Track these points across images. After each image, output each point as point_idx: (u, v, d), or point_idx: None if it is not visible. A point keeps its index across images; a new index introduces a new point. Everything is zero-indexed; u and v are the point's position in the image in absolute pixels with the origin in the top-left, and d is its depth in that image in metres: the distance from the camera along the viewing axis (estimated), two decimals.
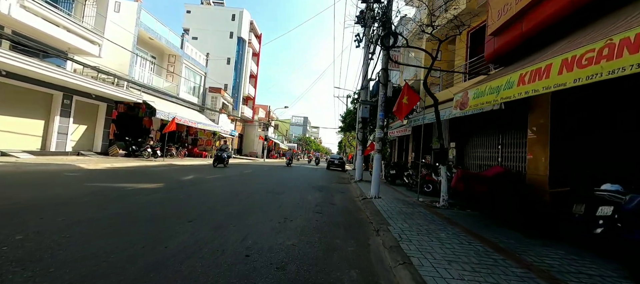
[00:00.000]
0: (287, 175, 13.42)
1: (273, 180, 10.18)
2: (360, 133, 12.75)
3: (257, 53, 39.00)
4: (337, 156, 25.88)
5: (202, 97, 24.20)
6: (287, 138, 61.77)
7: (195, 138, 24.36)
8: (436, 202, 6.87)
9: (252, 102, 38.38)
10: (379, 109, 7.30)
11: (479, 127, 10.45)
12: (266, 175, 12.15)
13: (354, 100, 15.35)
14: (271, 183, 9.05)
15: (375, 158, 7.18)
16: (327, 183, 11.17)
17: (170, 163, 14.40)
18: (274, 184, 8.82)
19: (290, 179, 11.04)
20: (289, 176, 12.35)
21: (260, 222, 4.00)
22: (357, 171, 12.49)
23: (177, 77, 20.56)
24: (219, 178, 9.01)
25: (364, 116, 12.19)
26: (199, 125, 20.14)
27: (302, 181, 10.65)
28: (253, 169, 14.98)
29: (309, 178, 12.63)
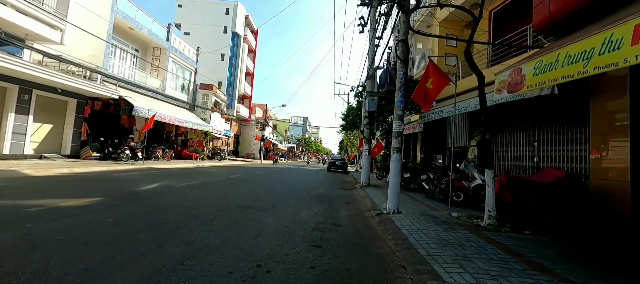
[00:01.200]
0: (281, 179, 11.58)
1: (262, 187, 8.37)
2: (366, 130, 10.94)
3: (254, 49, 37.23)
4: (339, 156, 24.08)
5: (192, 95, 22.41)
6: (286, 139, 59.96)
7: (185, 139, 22.57)
8: (478, 220, 5.05)
9: (248, 101, 36.60)
10: (396, 95, 5.49)
11: (508, 120, 8.69)
12: (256, 180, 10.32)
13: (358, 93, 13.55)
14: (258, 191, 7.22)
15: (393, 159, 5.36)
16: (329, 189, 9.35)
17: (150, 167, 12.58)
18: (261, 193, 6.99)
19: (283, 186, 9.22)
20: (283, 182, 10.53)
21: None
22: (363, 174, 10.67)
23: (164, 72, 18.77)
24: (193, 187, 7.19)
25: (371, 109, 10.39)
26: (187, 124, 18.34)
27: (297, 188, 8.84)
28: (243, 173, 13.15)
29: (306, 183, 10.82)
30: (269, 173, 13.62)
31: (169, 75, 19.43)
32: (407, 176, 9.53)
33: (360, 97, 13.55)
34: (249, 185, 8.55)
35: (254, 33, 37.14)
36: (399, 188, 5.46)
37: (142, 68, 18.10)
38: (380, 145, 13.69)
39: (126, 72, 16.55)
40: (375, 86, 11.09)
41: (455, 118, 12.75)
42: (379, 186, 10.65)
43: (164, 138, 21.43)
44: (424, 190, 8.39)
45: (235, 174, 11.85)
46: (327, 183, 11.21)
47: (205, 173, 11.65)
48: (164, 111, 17.33)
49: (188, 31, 30.57)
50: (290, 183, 10.22)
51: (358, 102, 13.97)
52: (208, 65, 28.96)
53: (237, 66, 31.68)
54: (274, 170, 17.72)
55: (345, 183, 12.46)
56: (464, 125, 12.21)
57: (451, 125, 13.40)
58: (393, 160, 5.40)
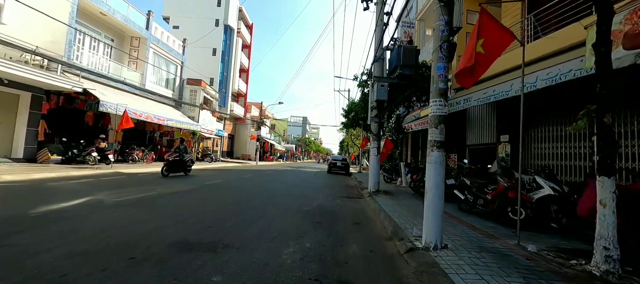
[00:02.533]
0: (270, 185, 9.54)
1: (242, 199, 6.29)
2: (375, 124, 8.91)
3: (248, 45, 35.23)
4: (340, 157, 22.06)
5: (178, 91, 20.40)
6: (285, 139, 57.93)
7: (171, 140, 20.53)
8: (581, 260, 3.00)
9: (243, 99, 34.59)
10: (434, 58, 3.48)
11: (549, 110, 6.73)
12: (236, 188, 8.21)
13: (362, 82, 11.53)
14: (226, 209, 5.13)
15: (433, 160, 3.36)
16: (329, 198, 7.31)
17: (115, 172, 10.56)
18: (230, 212, 4.89)
19: (271, 196, 7.16)
20: (271, 190, 8.49)
21: None
22: (371, 178, 8.65)
23: (144, 64, 16.74)
24: (130, 204, 5.09)
25: (380, 98, 8.36)
26: (169, 123, 16.32)
27: (290, 199, 6.78)
28: (226, 178, 11.10)
29: (301, 190, 8.78)
30: (258, 178, 11.58)
31: (150, 69, 17.42)
32: (453, 183, 7.29)
33: (365, 86, 11.54)
34: (222, 196, 6.50)
35: (248, 27, 35.13)
36: (441, 207, 3.43)
37: (119, 60, 16.09)
38: (389, 144, 11.66)
39: (99, 64, 14.55)
40: (385, 70, 9.07)
41: (480, 109, 10.74)
42: (392, 193, 8.62)
43: (147, 139, 19.44)
44: (460, 201, 6.32)
45: (214, 180, 9.81)
46: (327, 190, 9.17)
47: (174, 180, 9.61)
48: (143, 107, 15.32)
49: (177, 24, 28.57)
50: (281, 190, 8.18)
51: (362, 93, 11.94)
52: (198, 60, 26.99)
53: (230, 61, 29.67)
54: (266, 173, 15.68)
55: (349, 188, 10.42)
56: (488, 116, 10.19)
57: (473, 117, 11.39)
58: (433, 161, 3.39)
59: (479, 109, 10.90)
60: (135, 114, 13.66)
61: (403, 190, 10.18)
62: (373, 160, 8.75)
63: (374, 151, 8.79)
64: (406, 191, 9.68)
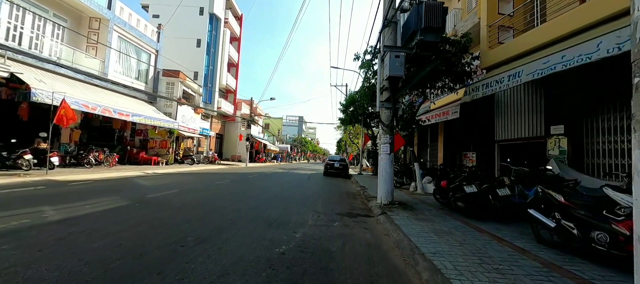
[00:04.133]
0: (241, 199, 7.03)
1: (171, 232, 3.77)
2: (386, 111, 6.49)
3: (238, 37, 32.68)
4: (338, 157, 19.65)
5: (152, 83, 17.83)
6: (279, 139, 55.38)
7: (144, 139, 17.97)
8: None
9: (233, 96, 32.03)
10: None
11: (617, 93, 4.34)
12: (190, 204, 5.45)
13: (365, 63, 9.11)
14: (137, 252, 2.71)
15: None
16: (323, 221, 4.82)
17: (47, 180, 8.04)
18: (136, 264, 2.47)
19: (235, 217, 4.63)
20: (239, 207, 5.98)
21: None
22: (383, 187, 6.22)
23: (105, 50, 14.17)
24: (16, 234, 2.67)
25: (394, 74, 5.96)
26: (135, 118, 13.76)
27: (259, 226, 4.23)
28: (189, 187, 8.57)
29: (285, 204, 6.30)
30: (234, 186, 9.08)
31: (114, 56, 14.85)
32: (473, 192, 4.99)
33: (370, 68, 9.13)
34: (150, 221, 4.02)
35: (237, 18, 32.59)
36: None
37: (76, 44, 13.53)
38: (400, 139, 9.27)
39: (45, 48, 12.00)
40: (398, 38, 6.66)
41: (516, 94, 8.39)
42: (412, 206, 6.20)
43: (116, 139, 16.86)
44: (483, 214, 3.93)
45: (168, 190, 7.27)
46: (321, 203, 6.70)
47: (121, 190, 7.09)
48: (102, 100, 12.79)
49: (157, 13, 25.94)
50: (253, 207, 5.68)
51: (365, 79, 9.52)
52: (181, 52, 24.43)
53: (216, 54, 27.11)
54: (249, 178, 13.18)
55: (350, 198, 7.98)
56: (530, 103, 7.85)
57: (505, 105, 9.04)
58: None
59: (515, 94, 8.55)
60: (86, 107, 11.12)
61: (421, 198, 7.77)
62: (384, 160, 6.32)
63: (385, 148, 6.36)
64: (426, 200, 7.27)
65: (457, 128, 12.96)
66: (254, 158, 33.80)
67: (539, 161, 7.15)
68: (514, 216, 4.97)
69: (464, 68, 7.90)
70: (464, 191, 4.97)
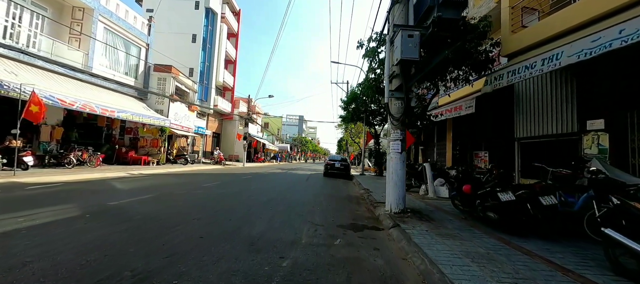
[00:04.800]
0: (221, 208, 6.01)
1: (126, 253, 2.83)
2: (397, 102, 5.50)
3: (236, 33, 31.70)
4: (338, 157, 18.66)
5: (143, 78, 16.87)
6: (279, 138, 54.42)
7: (135, 138, 17.00)
8: None
9: (230, 94, 31.04)
10: None
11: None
12: (155, 215, 4.31)
13: (370, 51, 8.11)
14: None
15: None
16: (320, 237, 3.79)
17: (9, 184, 7.07)
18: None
19: (208, 235, 3.64)
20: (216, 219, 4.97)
21: None
22: (393, 192, 5.22)
23: (89, 42, 13.21)
24: None
25: (408, 57, 4.97)
26: (121, 115, 12.79)
27: (236, 248, 3.27)
28: (169, 191, 7.58)
29: (272, 216, 5.31)
30: (221, 189, 8.08)
31: (100, 49, 13.89)
32: (509, 201, 3.98)
33: (375, 56, 8.12)
34: (92, 246, 3.02)
35: (235, 14, 31.61)
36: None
37: (58, 36, 12.59)
38: (410, 137, 8.29)
39: (22, 38, 11.05)
40: (410, 18, 5.66)
41: (541, 84, 7.38)
42: (428, 215, 5.20)
43: (104, 137, 15.91)
44: (521, 227, 2.95)
45: (143, 194, 6.29)
46: (320, 210, 5.70)
47: (84, 195, 6.11)
48: (84, 95, 11.85)
49: (151, 7, 24.93)
50: (240, 217, 4.70)
51: (370, 68, 8.51)
52: (176, 48, 23.51)
53: (213, 50, 26.13)
54: (242, 179, 12.21)
55: (353, 204, 6.99)
56: (560, 94, 6.85)
57: (527, 98, 8.04)
58: None
59: (540, 86, 7.55)
60: (63, 102, 10.15)
61: (434, 203, 6.77)
62: (394, 161, 5.32)
63: (395, 146, 5.36)
64: (442, 207, 6.28)
65: (467, 126, 11.93)
66: (252, 158, 32.83)
67: (569, 162, 6.16)
68: (557, 229, 3.97)
69: (484, 56, 6.91)
70: (499, 200, 3.97)
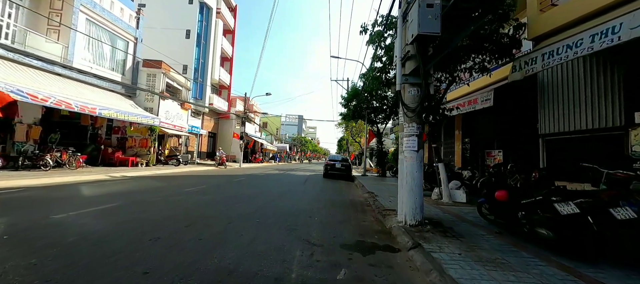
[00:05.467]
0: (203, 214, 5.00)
1: None
2: (412, 89, 4.48)
3: (232, 30, 30.70)
4: (339, 156, 17.66)
5: (131, 74, 15.87)
6: (278, 138, 53.42)
7: (123, 137, 16.00)
8: None
9: (227, 92, 30.04)
10: None
11: None
12: (95, 237, 3.26)
13: (377, 34, 7.09)
14: None
15: None
16: (319, 267, 2.80)
17: None
18: None
19: (155, 269, 2.64)
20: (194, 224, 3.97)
21: None
22: (409, 200, 4.22)
23: (69, 34, 12.22)
24: None
25: (427, 31, 3.97)
26: (103, 113, 11.78)
27: (206, 275, 2.29)
28: (137, 198, 6.52)
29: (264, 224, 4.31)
30: (207, 195, 7.06)
31: (82, 41, 12.89)
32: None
33: (381, 41, 7.11)
34: None
35: (231, 10, 30.61)
36: None
37: (35, 27, 11.60)
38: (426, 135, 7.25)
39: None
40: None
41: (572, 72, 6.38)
42: (457, 231, 4.19)
43: (89, 137, 14.92)
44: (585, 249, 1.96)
45: (107, 204, 5.28)
46: (319, 222, 4.69)
47: (30, 204, 5.10)
48: (62, 90, 10.86)
49: (143, 2, 23.96)
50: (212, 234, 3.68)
51: (374, 56, 7.50)
52: (169, 44, 22.55)
53: (208, 46, 25.13)
54: (233, 182, 11.22)
55: (358, 211, 5.98)
56: (603, 82, 5.86)
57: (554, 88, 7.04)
58: None
59: (571, 75, 6.54)
60: (34, 98, 9.15)
61: (452, 210, 5.75)
62: (410, 161, 4.31)
63: (410, 142, 4.36)
64: (464, 215, 5.26)
65: (480, 121, 10.93)
66: (250, 159, 31.84)
67: (610, 160, 5.16)
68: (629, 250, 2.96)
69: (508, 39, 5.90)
70: (556, 213, 2.96)
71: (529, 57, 5.43)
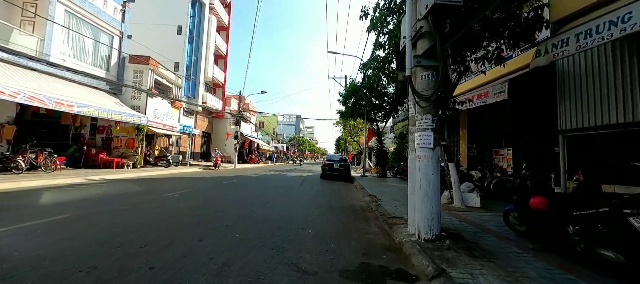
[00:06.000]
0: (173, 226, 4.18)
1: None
2: (426, 74, 3.67)
3: (226, 26, 29.79)
4: (337, 156, 16.85)
5: (116, 70, 14.96)
6: (275, 138, 52.53)
7: (108, 137, 15.09)
8: None
9: (221, 91, 29.12)
10: None
11: None
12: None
13: (378, 18, 6.28)
14: None
15: None
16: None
17: None
18: None
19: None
20: (156, 241, 3.16)
21: None
22: (425, 207, 3.42)
23: (45, 27, 11.32)
24: None
25: (446, 0, 3.13)
26: (82, 110, 10.87)
27: None
28: (95, 209, 5.69)
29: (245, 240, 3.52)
30: (187, 200, 6.23)
31: (63, 35, 11.99)
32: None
33: (383, 26, 6.31)
34: None
35: (225, 6, 29.69)
36: None
37: (8, 19, 10.70)
38: None
39: None
40: None
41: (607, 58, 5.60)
42: (486, 249, 3.38)
43: (71, 137, 14.00)
44: None
45: (59, 214, 4.43)
46: (313, 235, 3.88)
47: None
48: (37, 87, 9.97)
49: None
50: (169, 262, 2.88)
51: (376, 44, 6.70)
52: (159, 40, 21.64)
53: (201, 43, 24.22)
54: (223, 185, 10.41)
55: (360, 220, 5.18)
56: (636, 69, 5.07)
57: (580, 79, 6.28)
58: None
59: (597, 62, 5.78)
60: (1, 93, 8.25)
61: (469, 217, 4.96)
62: (424, 161, 3.51)
63: (424, 138, 3.56)
64: (483, 223, 4.48)
65: (486, 118, 10.18)
66: (245, 159, 30.96)
67: None
68: None
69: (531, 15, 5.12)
70: (631, 229, 2.18)
71: (559, 39, 4.65)
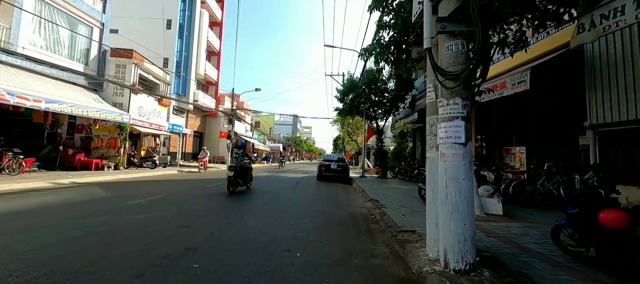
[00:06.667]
0: (111, 260, 3.17)
1: None
2: (452, 44, 2.70)
3: (219, 22, 28.71)
4: (335, 156, 15.88)
5: (97, 64, 13.86)
6: (271, 138, 51.46)
7: (88, 137, 13.99)
8: None
9: (214, 89, 28.05)
10: None
11: None
12: None
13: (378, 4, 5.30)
14: None
15: None
16: None
17: None
18: None
19: None
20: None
21: None
22: (456, 226, 2.48)
23: (12, 15, 10.23)
24: None
25: None
26: (51, 106, 9.79)
27: None
28: (32, 223, 4.70)
29: (213, 270, 2.50)
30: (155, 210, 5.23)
31: (34, 25, 10.90)
32: None
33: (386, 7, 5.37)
34: None
35: (219, 1, 28.62)
36: None
37: None
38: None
39: None
40: None
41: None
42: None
43: (46, 136, 12.89)
44: None
45: None
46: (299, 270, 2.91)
47: None
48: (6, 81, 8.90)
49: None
50: None
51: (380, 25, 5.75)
52: (147, 34, 20.58)
53: (191, 38, 23.13)
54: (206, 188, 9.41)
55: (362, 234, 4.24)
56: None
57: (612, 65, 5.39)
58: None
59: (633, 46, 4.88)
60: None
61: (496, 230, 4.03)
62: (451, 161, 2.57)
63: (451, 130, 2.61)
64: (522, 243, 3.55)
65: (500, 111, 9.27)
66: None
67: None
68: None
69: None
70: None
71: (611, 8, 3.71)
